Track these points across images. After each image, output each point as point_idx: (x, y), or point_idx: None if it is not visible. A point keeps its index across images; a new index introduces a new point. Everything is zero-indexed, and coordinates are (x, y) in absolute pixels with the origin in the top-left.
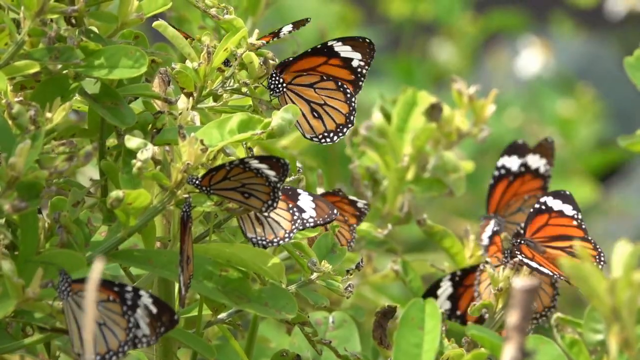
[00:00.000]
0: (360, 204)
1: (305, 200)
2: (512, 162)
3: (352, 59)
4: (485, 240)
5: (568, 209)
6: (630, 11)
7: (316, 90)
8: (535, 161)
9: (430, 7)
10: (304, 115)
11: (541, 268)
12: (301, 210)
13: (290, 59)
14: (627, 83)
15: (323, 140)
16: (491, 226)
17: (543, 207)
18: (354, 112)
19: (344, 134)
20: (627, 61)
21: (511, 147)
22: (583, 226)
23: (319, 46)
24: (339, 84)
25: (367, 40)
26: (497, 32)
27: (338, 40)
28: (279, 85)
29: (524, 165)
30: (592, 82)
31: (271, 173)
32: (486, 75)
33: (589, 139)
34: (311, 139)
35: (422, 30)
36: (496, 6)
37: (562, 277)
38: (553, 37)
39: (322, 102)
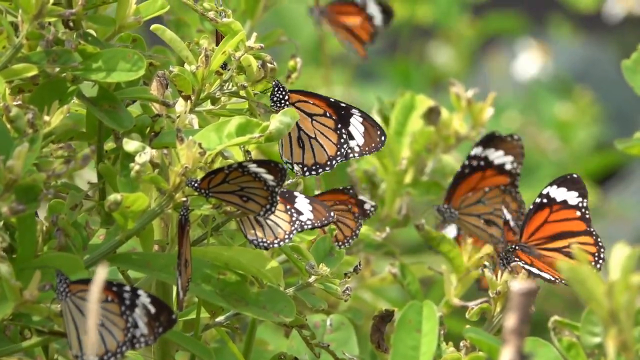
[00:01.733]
0: (368, 205)
1: (302, 203)
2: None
3: (353, 115)
4: None
5: (572, 197)
6: (629, 14)
7: (313, 122)
8: (498, 157)
9: (428, 10)
10: (290, 139)
11: (542, 273)
12: (299, 213)
13: (307, 91)
14: (625, 86)
15: (295, 170)
16: None
17: (544, 200)
18: (337, 159)
19: (318, 173)
20: (624, 64)
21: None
22: (587, 216)
23: (343, 104)
24: (339, 126)
25: (380, 134)
26: (495, 35)
27: (360, 111)
28: (282, 100)
29: (485, 159)
30: (590, 85)
31: (269, 177)
32: (484, 79)
33: (587, 142)
34: (286, 162)
35: (420, 33)
36: (494, 9)
37: (562, 281)
38: (551, 40)
39: (313, 136)
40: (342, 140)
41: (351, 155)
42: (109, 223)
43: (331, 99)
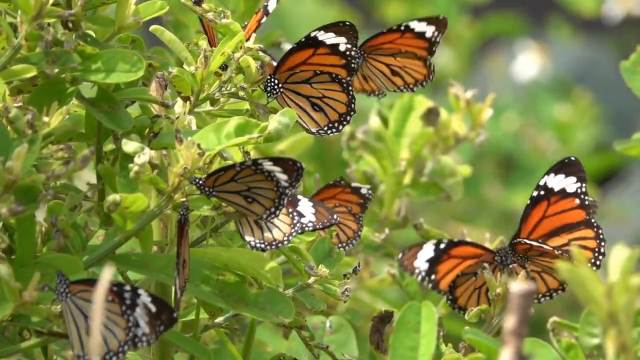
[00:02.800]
0: (364, 189)
1: (304, 206)
2: None
3: (338, 44)
4: None
5: (571, 183)
6: (627, 15)
7: (312, 85)
8: None
9: (428, 11)
10: (305, 111)
11: (546, 247)
12: (301, 215)
13: (279, 60)
14: (624, 87)
15: (329, 132)
16: None
17: (542, 192)
18: (353, 100)
19: (348, 122)
20: (623, 65)
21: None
22: (586, 202)
23: (303, 39)
24: (333, 75)
25: (348, 23)
26: (494, 36)
27: (319, 29)
28: (275, 87)
29: None
30: (590, 87)
31: (283, 177)
32: (483, 80)
33: (586, 144)
34: (317, 132)
35: None
36: (493, 10)
37: (556, 292)
38: (550, 41)
39: (321, 96)
40: (346, 85)
41: (352, 53)
42: (108, 224)
43: (295, 45)
